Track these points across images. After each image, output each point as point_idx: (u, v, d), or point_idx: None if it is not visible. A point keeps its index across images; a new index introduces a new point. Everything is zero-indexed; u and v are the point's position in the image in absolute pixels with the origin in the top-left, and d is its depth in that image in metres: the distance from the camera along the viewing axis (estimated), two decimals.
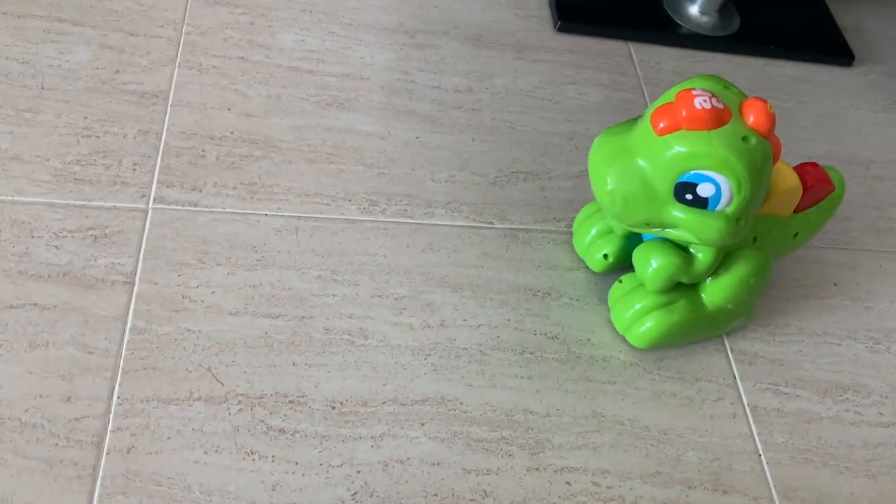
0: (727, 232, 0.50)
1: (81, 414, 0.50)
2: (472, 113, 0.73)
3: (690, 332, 0.60)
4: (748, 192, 0.49)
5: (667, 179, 0.49)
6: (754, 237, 0.56)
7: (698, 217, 0.50)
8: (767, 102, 0.49)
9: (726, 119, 0.48)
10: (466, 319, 0.59)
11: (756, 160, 0.48)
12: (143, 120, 0.65)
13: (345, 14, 0.78)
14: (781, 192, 0.55)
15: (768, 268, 0.58)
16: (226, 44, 0.72)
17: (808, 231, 0.61)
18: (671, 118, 0.48)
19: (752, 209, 0.51)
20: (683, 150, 0.48)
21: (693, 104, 0.47)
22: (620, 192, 0.50)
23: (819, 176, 0.58)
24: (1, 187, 0.58)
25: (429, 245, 0.63)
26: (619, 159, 0.50)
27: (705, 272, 0.56)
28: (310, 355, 0.55)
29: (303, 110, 0.69)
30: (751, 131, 0.48)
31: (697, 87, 0.48)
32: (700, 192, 0.49)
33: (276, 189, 0.63)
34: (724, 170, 0.48)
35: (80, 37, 0.69)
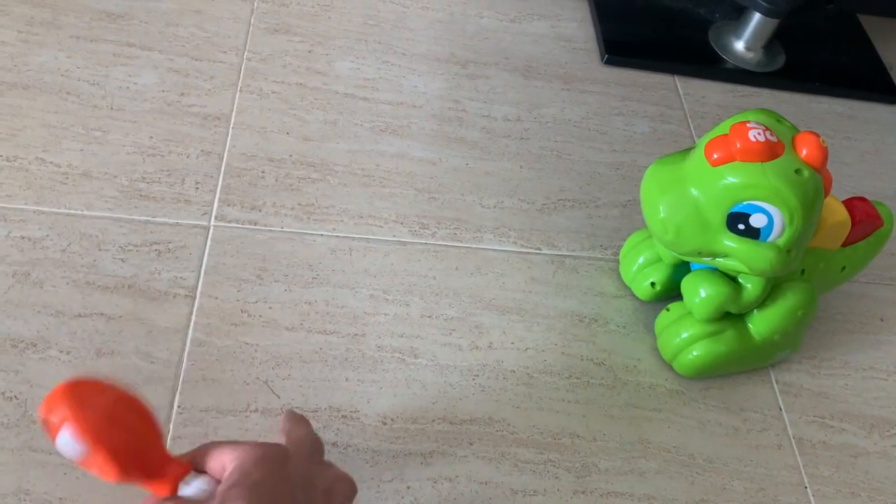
0: (778, 263, 0.51)
1: None
2: (521, 141, 0.75)
3: (737, 363, 0.60)
4: (800, 224, 0.49)
5: (720, 209, 0.50)
6: (802, 269, 0.57)
7: (750, 247, 0.51)
8: (820, 136, 0.50)
9: (779, 152, 0.49)
10: (514, 342, 0.60)
11: (808, 193, 0.49)
12: (206, 141, 0.67)
13: (399, 44, 0.81)
14: (830, 225, 0.56)
15: (815, 301, 0.59)
16: (285, 70, 0.75)
17: (856, 265, 0.61)
18: (725, 149, 0.49)
19: (803, 241, 0.52)
20: (737, 181, 0.49)
21: (747, 136, 0.48)
22: (673, 220, 0.51)
23: (868, 211, 0.59)
24: (71, 202, 0.61)
25: (477, 268, 0.64)
26: (672, 188, 0.51)
27: (754, 303, 0.56)
28: (362, 372, 0.56)
29: (357, 136, 0.71)
30: (804, 164, 0.49)
31: (752, 120, 0.50)
32: (753, 223, 0.50)
33: (332, 210, 0.65)
34: (776, 201, 0.48)
35: (147, 60, 0.72)
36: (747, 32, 0.87)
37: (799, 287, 0.57)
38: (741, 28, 0.88)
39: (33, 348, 0.53)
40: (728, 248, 0.51)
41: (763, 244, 0.50)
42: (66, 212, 0.60)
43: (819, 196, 0.50)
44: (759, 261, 0.51)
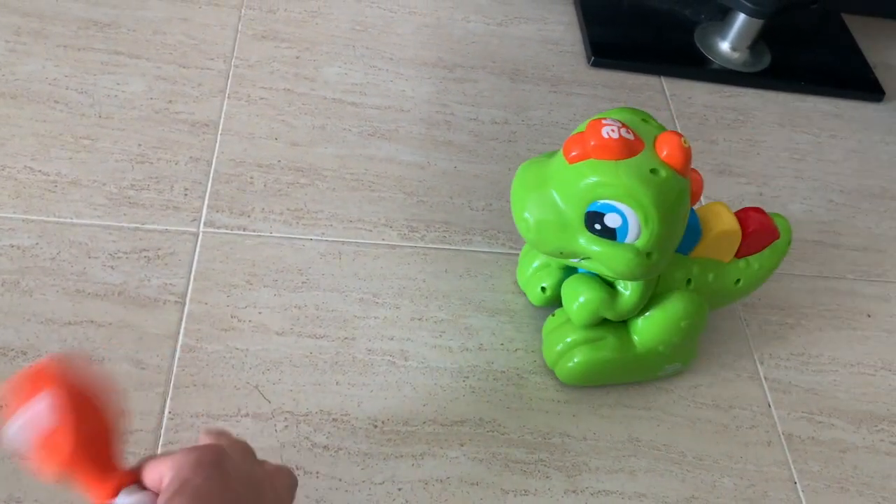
0: (637, 265, 0.49)
1: (135, 427, 0.51)
2: (509, 144, 0.75)
3: (620, 372, 0.58)
4: (657, 226, 0.47)
5: (577, 208, 0.48)
6: (688, 279, 0.55)
7: (607, 248, 0.48)
8: (682, 137, 0.47)
9: (637, 150, 0.47)
10: (504, 344, 0.61)
11: (665, 193, 0.47)
12: (195, 148, 0.67)
13: (386, 49, 0.81)
14: (717, 235, 0.55)
15: (703, 312, 0.57)
16: (273, 76, 0.75)
17: (752, 279, 0.59)
18: (581, 147, 0.47)
19: (666, 244, 0.49)
20: (590, 179, 0.47)
21: (601, 133, 0.46)
22: (535, 219, 0.49)
23: (762, 221, 0.57)
24: (60, 210, 0.61)
25: (466, 271, 0.65)
26: (535, 187, 0.50)
27: (631, 310, 0.54)
28: (353, 375, 0.57)
29: (346, 140, 0.72)
30: (662, 164, 0.47)
31: (609, 118, 0.48)
32: (607, 223, 0.48)
33: (321, 215, 0.65)
34: (629, 201, 0.46)
35: (135, 69, 0.72)
36: (732, 33, 0.88)
37: (684, 297, 0.55)
38: (726, 29, 0.88)
39: (23, 356, 0.53)
40: (586, 249, 0.49)
41: (620, 245, 0.48)
42: (55, 220, 0.60)
43: (681, 198, 0.48)
44: (616, 262, 0.49)
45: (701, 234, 0.55)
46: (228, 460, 0.34)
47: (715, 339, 0.64)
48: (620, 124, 0.47)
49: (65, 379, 0.32)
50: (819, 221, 0.76)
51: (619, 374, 0.59)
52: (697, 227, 0.54)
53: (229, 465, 0.34)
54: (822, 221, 0.76)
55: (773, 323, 0.67)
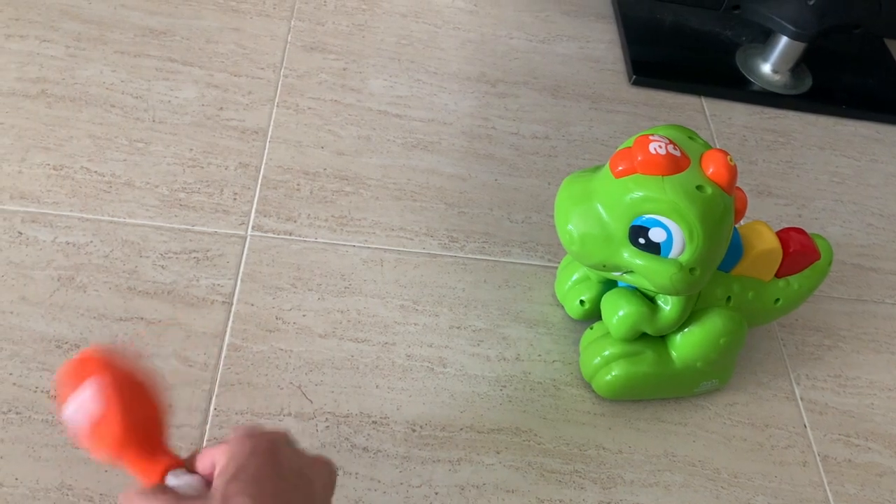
0: (679, 280, 0.49)
1: (181, 422, 0.53)
2: (549, 159, 0.76)
3: (656, 387, 0.59)
4: (701, 242, 0.48)
5: (622, 222, 0.49)
6: (728, 297, 0.55)
7: (651, 262, 0.49)
8: (729, 155, 0.48)
9: (683, 167, 0.47)
10: (541, 355, 0.61)
11: (711, 210, 0.47)
12: (244, 154, 0.69)
13: (431, 63, 0.83)
14: (758, 253, 0.55)
15: (741, 330, 0.57)
16: (320, 87, 0.77)
17: (791, 299, 0.59)
18: (628, 162, 0.48)
19: (709, 260, 0.50)
20: (636, 194, 0.47)
21: (648, 149, 0.47)
22: (579, 232, 0.50)
23: (803, 242, 0.57)
24: (114, 210, 0.63)
25: (505, 281, 0.66)
26: (580, 201, 0.50)
27: (671, 325, 0.55)
28: (392, 379, 0.58)
29: (390, 151, 0.73)
30: (708, 181, 0.47)
31: (657, 134, 0.48)
32: (652, 237, 0.48)
33: (364, 223, 0.67)
34: (675, 216, 0.47)
35: (188, 76, 0.75)
36: (774, 55, 0.88)
37: (724, 314, 0.55)
38: (768, 51, 0.89)
39: (76, 350, 0.55)
40: (630, 262, 0.50)
41: (664, 260, 0.49)
42: (109, 219, 0.62)
43: (725, 215, 0.49)
44: (659, 276, 0.49)
45: (742, 251, 0.55)
46: (281, 448, 0.35)
47: (752, 358, 0.65)
48: (668, 141, 0.48)
49: (110, 366, 0.34)
50: (858, 245, 0.76)
51: (655, 390, 0.59)
52: (739, 245, 0.55)
53: (282, 452, 0.35)
54: (861, 245, 0.76)
55: (810, 344, 0.67)
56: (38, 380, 0.53)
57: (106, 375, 0.33)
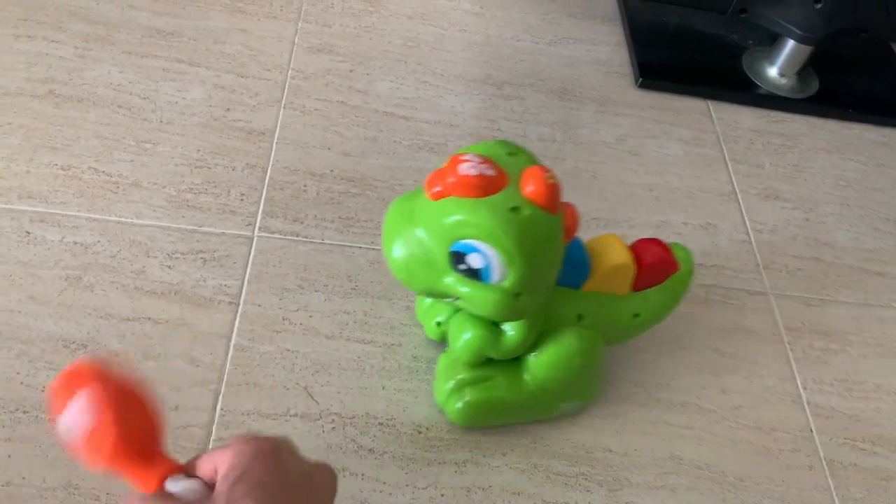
0: (504, 307, 0.46)
1: (188, 423, 0.53)
2: (556, 161, 0.76)
3: (513, 412, 0.56)
4: (522, 266, 0.44)
5: (441, 247, 0.45)
6: (580, 315, 0.53)
7: (473, 289, 0.46)
8: (549, 171, 0.44)
9: (499, 187, 0.44)
10: None
11: (530, 232, 0.44)
12: (251, 155, 0.70)
13: (437, 65, 0.83)
14: (608, 268, 0.52)
15: (596, 348, 0.54)
16: (327, 88, 0.77)
17: (652, 312, 0.56)
18: (442, 183, 0.44)
19: (537, 284, 0.47)
20: (450, 218, 0.44)
21: (458, 170, 0.43)
22: (403, 258, 0.46)
23: (659, 254, 0.54)
24: (122, 210, 0.63)
25: None
26: (403, 225, 0.46)
27: (516, 348, 0.52)
28: (399, 381, 0.58)
29: (396, 152, 0.73)
30: (526, 202, 0.44)
31: (470, 153, 0.45)
32: (470, 263, 0.45)
33: (370, 224, 0.67)
34: (490, 240, 0.43)
35: (195, 77, 0.75)
36: (781, 59, 0.88)
37: (575, 334, 0.52)
38: (775, 54, 0.89)
39: (84, 349, 0.55)
40: (454, 290, 0.46)
41: (487, 286, 0.45)
42: (116, 219, 0.63)
43: (549, 236, 0.45)
44: (483, 303, 0.46)
45: (590, 268, 0.52)
46: (284, 452, 0.35)
47: (759, 362, 0.65)
48: (481, 160, 0.44)
49: (101, 377, 0.34)
50: (865, 249, 0.76)
51: (511, 414, 0.56)
52: (586, 262, 0.52)
53: (285, 456, 0.35)
54: (867, 249, 0.76)
55: (816, 348, 0.67)
56: (45, 379, 0.53)
57: (97, 386, 0.33)
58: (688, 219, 0.74)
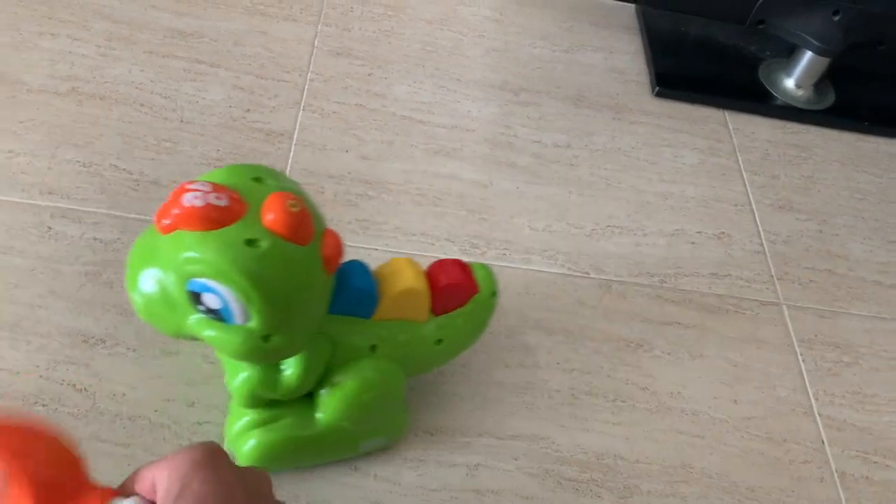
0: (251, 350, 0.42)
1: (203, 419, 0.54)
2: (571, 168, 0.77)
3: (309, 452, 0.52)
4: (263, 305, 0.40)
5: (179, 287, 0.40)
6: (373, 345, 0.49)
7: (217, 332, 0.41)
8: (292, 199, 0.40)
9: (233, 217, 0.39)
10: (560, 363, 0.62)
11: (270, 266, 0.39)
12: (270, 156, 0.70)
13: (455, 70, 0.83)
14: (396, 294, 0.48)
15: (392, 380, 0.50)
16: (346, 91, 0.78)
17: (456, 337, 0.53)
18: (170, 215, 0.40)
19: (291, 323, 0.42)
20: (180, 254, 0.39)
21: (182, 200, 0.39)
22: (144, 299, 0.42)
23: (455, 276, 0.51)
24: (141, 208, 0.64)
25: (525, 289, 0.66)
26: (144, 262, 0.42)
27: (296, 388, 0.47)
28: (411, 382, 0.58)
29: (412, 156, 0.74)
30: (266, 232, 0.39)
31: (199, 181, 0.40)
32: (207, 303, 0.40)
33: (386, 227, 0.67)
34: (221, 278, 0.39)
35: (215, 77, 0.76)
36: (798, 70, 0.88)
37: (366, 367, 0.49)
38: (792, 66, 0.89)
39: (102, 344, 0.56)
40: (199, 332, 0.42)
41: (231, 328, 0.41)
42: (136, 217, 0.63)
43: (296, 269, 0.41)
44: (228, 348, 0.42)
45: (377, 295, 0.48)
46: (218, 458, 0.34)
47: (771, 373, 0.65)
48: (211, 188, 0.39)
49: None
50: (879, 262, 0.76)
51: (310, 454, 0.52)
52: (373, 289, 0.47)
53: (220, 462, 0.34)
54: (881, 262, 0.76)
55: (829, 360, 0.67)
56: (64, 373, 0.54)
57: None
58: (702, 228, 0.74)
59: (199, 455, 0.33)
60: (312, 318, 0.44)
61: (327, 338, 0.47)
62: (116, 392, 0.54)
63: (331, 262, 0.43)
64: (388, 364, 0.50)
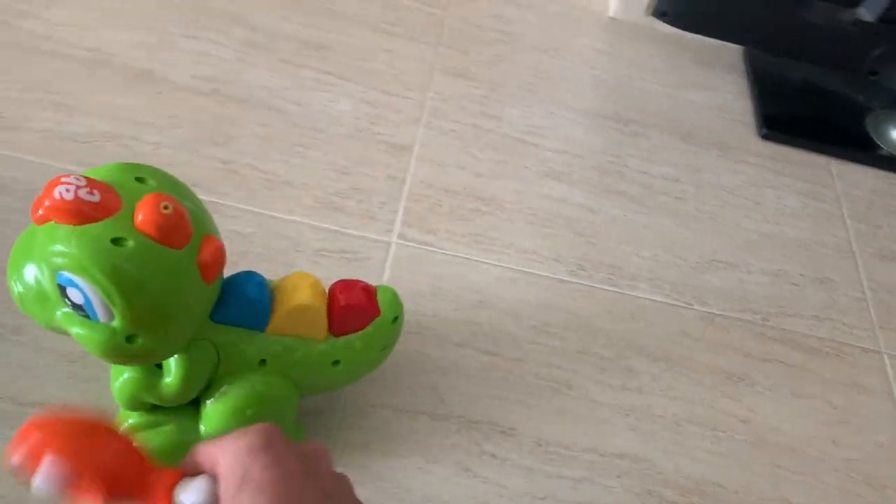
0: (113, 350, 0.41)
1: (317, 410, 0.57)
2: (678, 201, 0.78)
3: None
4: (126, 305, 0.39)
5: (48, 279, 0.40)
6: (262, 360, 0.48)
7: (81, 327, 0.41)
8: (165, 200, 0.40)
9: (104, 214, 0.39)
10: (663, 390, 0.63)
11: (134, 266, 0.39)
12: (392, 167, 0.74)
13: (568, 98, 0.86)
14: (289, 310, 0.47)
15: (280, 397, 0.49)
16: (463, 111, 0.81)
17: (355, 360, 0.51)
18: (42, 207, 0.40)
19: (158, 326, 0.42)
20: (49, 247, 0.39)
21: (53, 192, 0.39)
22: (18, 290, 0.41)
23: (356, 297, 0.50)
24: (275, 205, 0.68)
25: (631, 315, 0.68)
26: (23, 253, 0.41)
27: (175, 395, 0.47)
28: (521, 394, 0.60)
29: (524, 177, 0.77)
30: (136, 233, 0.39)
31: (73, 175, 0.40)
32: (72, 298, 0.40)
33: (498, 243, 0.70)
34: (84, 274, 0.39)
35: (343, 90, 0.80)
36: None
37: (251, 382, 0.48)
38: None
39: None
40: (66, 327, 0.41)
41: (95, 325, 0.41)
42: (269, 213, 0.67)
43: (164, 272, 0.40)
44: (91, 345, 0.41)
45: (269, 309, 0.48)
46: (275, 441, 0.34)
47: (870, 419, 0.65)
48: (85, 182, 0.39)
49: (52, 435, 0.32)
50: None
51: None
52: (265, 302, 0.47)
53: (278, 445, 0.34)
54: None
55: None
56: None
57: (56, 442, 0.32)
58: (804, 271, 0.75)
59: (257, 440, 0.33)
60: (183, 323, 0.43)
61: (213, 347, 0.46)
62: None
63: (208, 268, 0.42)
64: (278, 380, 0.49)
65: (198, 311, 0.44)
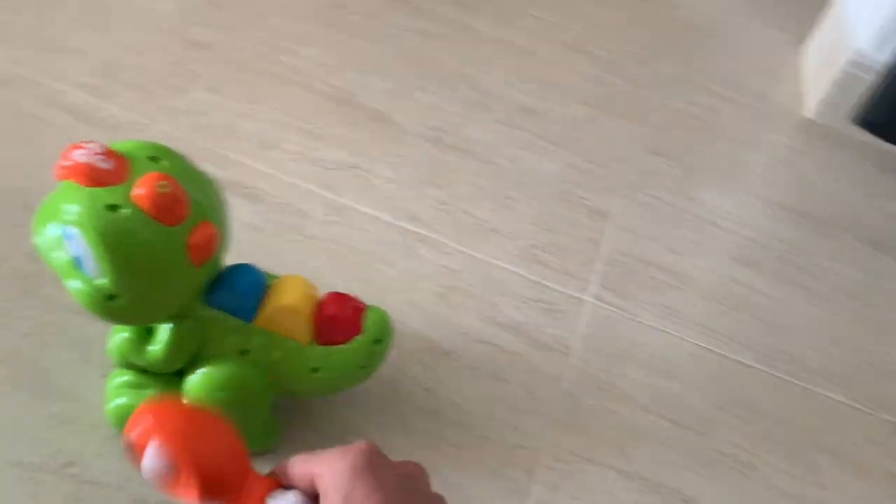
0: (94, 304, 0.45)
1: (519, 444, 0.60)
2: (868, 308, 0.79)
3: None
4: (110, 266, 0.43)
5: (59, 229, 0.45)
6: (244, 350, 0.50)
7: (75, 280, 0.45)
8: (163, 179, 0.44)
9: (110, 181, 0.44)
10: (846, 491, 0.63)
11: (122, 233, 0.43)
12: (591, 230, 0.78)
13: (763, 188, 0.89)
14: (274, 308, 0.50)
15: (255, 388, 0.51)
16: (658, 188, 0.85)
17: (333, 372, 0.52)
18: (62, 166, 0.45)
19: (138, 291, 0.45)
20: (59, 202, 0.45)
21: (71, 154, 0.44)
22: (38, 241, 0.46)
23: (342, 310, 0.51)
24: (483, 249, 0.73)
25: (816, 410, 0.68)
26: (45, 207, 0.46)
27: (157, 363, 0.50)
28: (702, 468, 0.62)
29: (715, 259, 0.79)
30: (130, 203, 0.43)
31: (97, 142, 0.45)
32: (71, 249, 0.44)
33: (688, 319, 0.73)
34: (81, 228, 0.43)
35: (553, 154, 0.86)
36: None
37: (228, 368, 0.50)
38: None
39: (447, 357, 0.64)
40: (64, 276, 0.45)
41: (84, 278, 0.44)
42: (479, 256, 0.73)
43: (151, 244, 0.44)
44: (77, 295, 0.45)
45: (258, 302, 0.50)
46: (375, 460, 0.34)
47: None
48: (102, 150, 0.45)
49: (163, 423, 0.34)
50: None
51: None
52: (256, 294, 0.50)
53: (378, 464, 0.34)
54: None
55: None
56: (412, 372, 0.63)
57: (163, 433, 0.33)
58: None
59: (361, 461, 0.33)
60: (163, 294, 0.47)
61: (201, 326, 0.50)
62: None
63: (196, 250, 0.46)
64: (255, 372, 0.51)
65: (182, 288, 0.48)
